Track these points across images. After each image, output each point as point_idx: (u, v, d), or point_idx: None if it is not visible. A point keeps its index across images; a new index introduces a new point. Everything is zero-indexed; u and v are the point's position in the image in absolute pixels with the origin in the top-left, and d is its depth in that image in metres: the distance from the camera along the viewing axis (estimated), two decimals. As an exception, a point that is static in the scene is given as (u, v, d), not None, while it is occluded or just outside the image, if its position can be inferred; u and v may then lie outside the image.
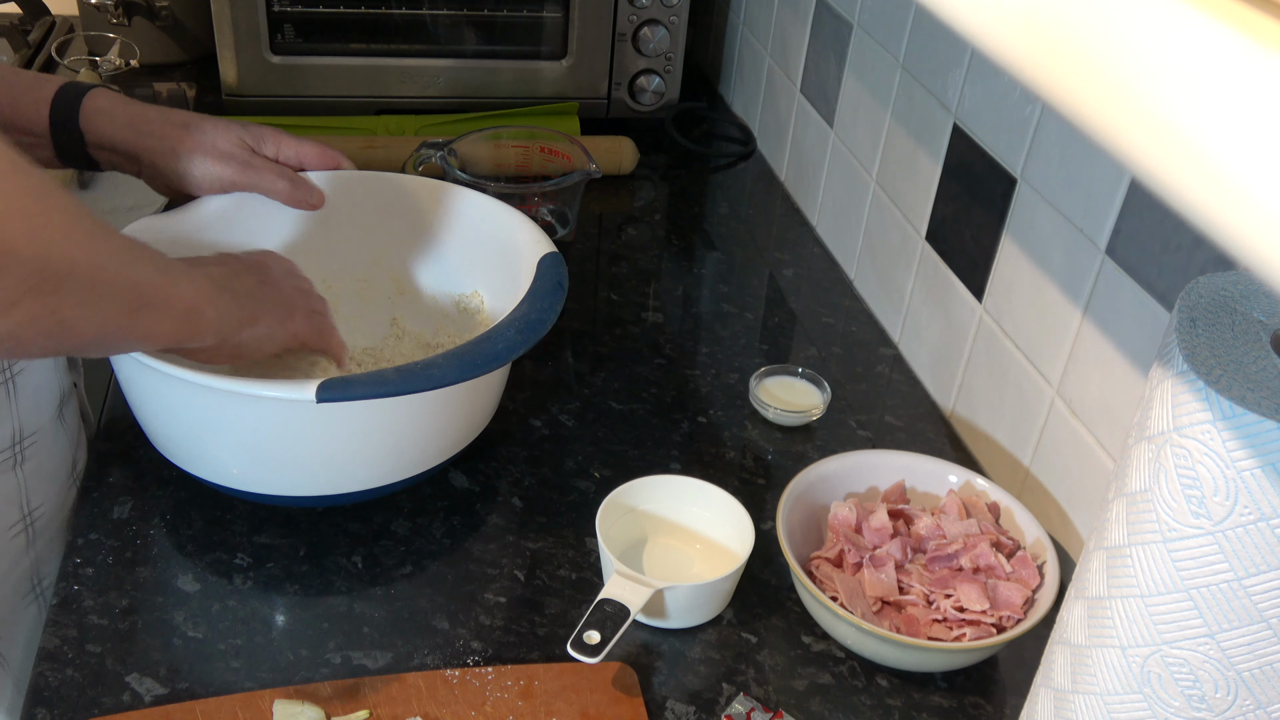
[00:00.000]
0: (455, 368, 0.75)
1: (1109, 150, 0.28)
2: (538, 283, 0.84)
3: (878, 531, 0.80)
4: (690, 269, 1.24)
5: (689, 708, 0.73)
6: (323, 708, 0.69)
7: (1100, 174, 0.79)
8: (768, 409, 0.98)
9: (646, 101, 1.44)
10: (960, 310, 1.00)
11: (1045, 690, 0.62)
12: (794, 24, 1.32)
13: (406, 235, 0.99)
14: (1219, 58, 0.24)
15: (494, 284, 0.95)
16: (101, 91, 0.88)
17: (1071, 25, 0.29)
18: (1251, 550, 0.48)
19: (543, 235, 0.91)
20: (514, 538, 0.85)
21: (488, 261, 0.95)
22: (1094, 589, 0.56)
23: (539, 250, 0.88)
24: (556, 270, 0.86)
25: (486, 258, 0.96)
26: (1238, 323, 0.52)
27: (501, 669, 0.73)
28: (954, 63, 0.98)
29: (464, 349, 0.76)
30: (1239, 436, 0.47)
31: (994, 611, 0.75)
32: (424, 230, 0.99)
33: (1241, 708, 0.52)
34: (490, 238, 0.95)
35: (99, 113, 0.87)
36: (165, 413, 0.80)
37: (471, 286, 0.98)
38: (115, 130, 0.87)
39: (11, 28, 1.46)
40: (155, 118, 0.89)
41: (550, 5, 1.37)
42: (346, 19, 1.36)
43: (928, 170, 1.03)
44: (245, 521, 0.84)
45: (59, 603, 0.76)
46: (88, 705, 0.70)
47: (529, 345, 0.78)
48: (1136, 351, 0.77)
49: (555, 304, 0.83)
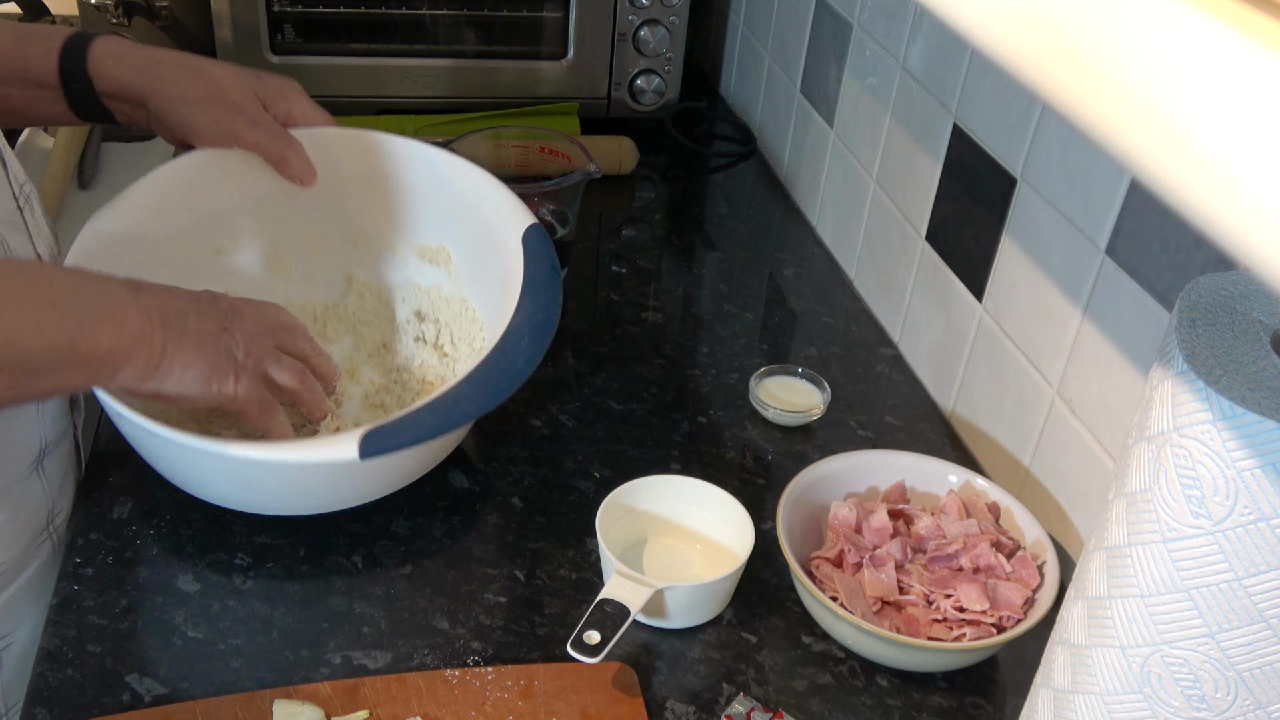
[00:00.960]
0: (485, 395, 0.73)
1: (1109, 150, 0.28)
2: (532, 269, 0.81)
3: (878, 531, 0.80)
4: (690, 269, 1.24)
5: (689, 708, 0.73)
6: (323, 708, 0.69)
7: (1100, 174, 0.79)
8: (768, 409, 0.98)
9: (646, 101, 1.44)
10: (960, 310, 0.99)
11: (1045, 690, 0.62)
12: (794, 24, 1.32)
13: (366, 188, 0.96)
14: (1219, 58, 0.24)
15: (462, 242, 0.93)
16: (111, 37, 0.85)
17: (1071, 25, 0.29)
18: (1251, 550, 0.48)
19: (519, 203, 0.88)
20: (514, 538, 0.85)
21: (454, 216, 0.92)
22: (1094, 589, 0.56)
23: (519, 220, 0.85)
24: (545, 250, 0.83)
25: (453, 212, 0.93)
26: (1238, 323, 0.52)
27: (501, 669, 0.73)
28: (954, 63, 0.98)
29: (484, 371, 0.74)
30: (1239, 436, 0.47)
31: (994, 611, 0.75)
32: (385, 183, 0.96)
33: (1241, 708, 0.52)
34: (458, 195, 0.92)
35: (107, 56, 0.83)
36: (186, 474, 0.78)
37: (436, 240, 0.96)
38: (122, 73, 0.84)
39: (11, 28, 1.46)
40: (166, 59, 0.85)
41: (550, 5, 1.37)
42: (346, 19, 1.36)
43: (928, 170, 1.03)
44: (245, 521, 0.84)
45: (59, 603, 0.76)
46: (88, 705, 0.70)
47: (545, 348, 0.77)
48: (1136, 351, 0.77)
49: (556, 295, 0.81)
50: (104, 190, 1.22)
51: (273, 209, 0.94)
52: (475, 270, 0.94)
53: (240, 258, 0.94)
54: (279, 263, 0.96)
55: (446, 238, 0.95)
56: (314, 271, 0.98)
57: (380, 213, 0.97)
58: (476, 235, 0.91)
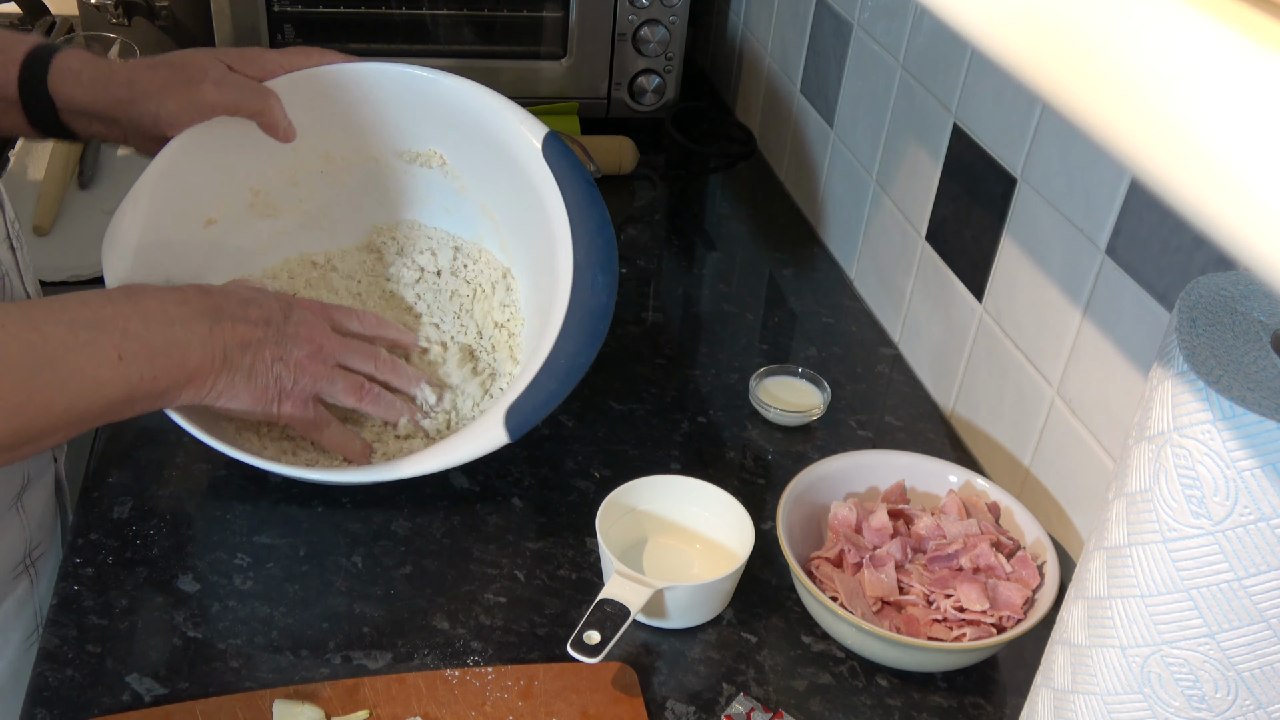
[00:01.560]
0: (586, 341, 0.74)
1: (1109, 150, 0.28)
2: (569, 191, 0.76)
3: (878, 531, 0.80)
4: (690, 269, 1.24)
5: (689, 708, 0.73)
6: (323, 708, 0.69)
7: (1100, 174, 0.79)
8: (768, 409, 0.98)
9: (646, 101, 1.44)
10: (960, 310, 0.99)
11: (1045, 690, 0.62)
12: (794, 24, 1.32)
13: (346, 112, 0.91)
14: (1219, 58, 0.24)
15: (457, 145, 0.88)
16: (73, 52, 0.81)
17: (1071, 25, 0.29)
18: (1251, 550, 0.48)
19: (526, 114, 0.83)
20: (514, 538, 0.85)
21: (446, 121, 0.87)
22: (1094, 589, 0.56)
23: (532, 131, 0.80)
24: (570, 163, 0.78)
25: (445, 117, 0.88)
26: (1238, 323, 0.52)
27: (501, 669, 0.73)
28: (954, 63, 0.98)
29: (574, 319, 0.73)
30: (1239, 436, 0.47)
31: (994, 611, 0.75)
32: (373, 108, 0.91)
33: (1241, 708, 0.52)
34: (451, 105, 0.87)
35: (65, 74, 0.79)
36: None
37: (427, 145, 0.91)
38: (82, 92, 0.80)
39: (11, 27, 1.46)
40: (121, 67, 0.81)
41: (550, 5, 1.37)
42: (346, 19, 1.36)
43: (928, 170, 1.03)
44: (245, 521, 0.84)
45: (59, 603, 0.76)
46: (88, 705, 0.70)
47: (616, 275, 0.75)
48: (1136, 351, 0.77)
49: (604, 213, 0.75)
50: (104, 190, 1.22)
51: (270, 168, 0.91)
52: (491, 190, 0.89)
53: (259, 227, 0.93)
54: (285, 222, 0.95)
55: (438, 142, 0.90)
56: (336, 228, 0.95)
57: (366, 133, 0.93)
58: (468, 138, 0.85)
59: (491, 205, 0.94)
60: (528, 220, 0.86)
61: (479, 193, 0.94)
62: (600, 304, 0.74)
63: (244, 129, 0.87)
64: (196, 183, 0.88)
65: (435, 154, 0.94)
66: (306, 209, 0.97)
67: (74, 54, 0.81)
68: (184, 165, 0.86)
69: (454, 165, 0.93)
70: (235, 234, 0.93)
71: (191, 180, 0.87)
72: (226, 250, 0.92)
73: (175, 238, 0.87)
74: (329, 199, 0.97)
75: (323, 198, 0.97)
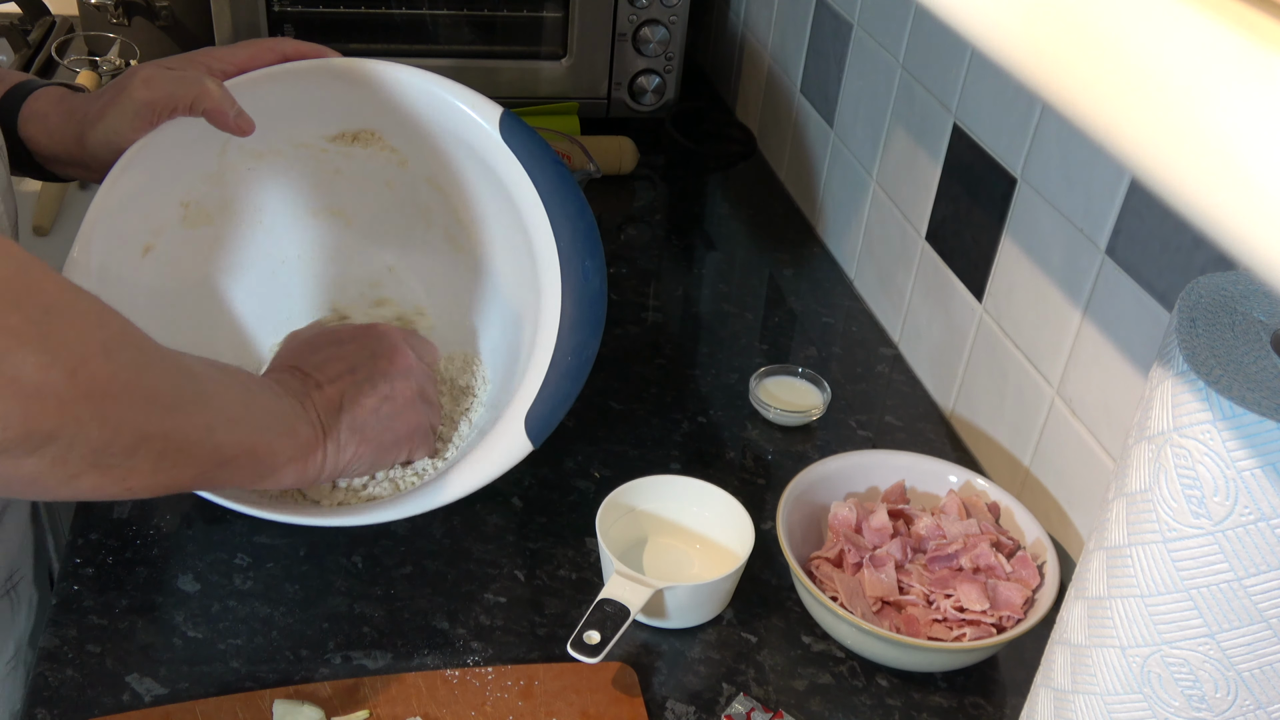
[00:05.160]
0: (588, 330, 0.73)
1: (1109, 150, 0.28)
2: (537, 174, 0.71)
3: (878, 531, 0.80)
4: (690, 269, 1.24)
5: (689, 708, 0.73)
6: (323, 708, 0.69)
7: (1100, 174, 0.79)
8: (768, 409, 0.98)
9: (646, 101, 1.44)
10: (960, 310, 1.00)
11: (1045, 690, 0.62)
12: (794, 24, 1.32)
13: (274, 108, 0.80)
14: (1219, 58, 0.24)
15: (398, 126, 0.80)
16: (46, 92, 0.75)
17: (1071, 25, 0.29)
18: (1251, 550, 0.48)
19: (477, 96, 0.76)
20: (514, 538, 0.85)
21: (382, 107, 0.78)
22: (1094, 589, 0.56)
23: (483, 114, 0.73)
24: (531, 141, 0.72)
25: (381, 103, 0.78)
26: (1238, 323, 0.52)
27: (501, 669, 0.73)
28: (954, 63, 0.98)
29: (571, 309, 0.71)
30: (1239, 436, 0.47)
31: (994, 611, 0.75)
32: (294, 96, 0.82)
33: (1241, 708, 0.52)
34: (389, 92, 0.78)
35: (33, 117, 0.75)
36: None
37: (362, 124, 0.83)
38: (47, 136, 0.74)
39: (11, 28, 1.46)
40: (81, 101, 0.75)
41: (550, 5, 1.37)
42: (346, 19, 1.36)
43: (928, 170, 1.03)
44: (245, 521, 0.84)
45: (59, 603, 0.76)
46: (88, 705, 0.70)
47: (603, 260, 0.73)
48: (1136, 351, 0.77)
49: (577, 192, 0.72)
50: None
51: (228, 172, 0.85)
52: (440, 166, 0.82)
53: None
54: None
55: (376, 121, 0.81)
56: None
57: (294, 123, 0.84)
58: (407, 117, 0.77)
59: (439, 178, 0.86)
60: (495, 210, 0.80)
61: (423, 167, 0.86)
62: (595, 291, 0.72)
63: (179, 135, 0.77)
64: (132, 209, 0.78)
65: (372, 134, 0.86)
66: (238, 209, 0.88)
67: (46, 95, 0.76)
68: (124, 191, 0.77)
69: (393, 142, 0.85)
70: (175, 253, 0.84)
71: (129, 208, 0.78)
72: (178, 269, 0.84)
73: (124, 273, 0.78)
74: (262, 197, 0.89)
75: (256, 196, 0.89)
